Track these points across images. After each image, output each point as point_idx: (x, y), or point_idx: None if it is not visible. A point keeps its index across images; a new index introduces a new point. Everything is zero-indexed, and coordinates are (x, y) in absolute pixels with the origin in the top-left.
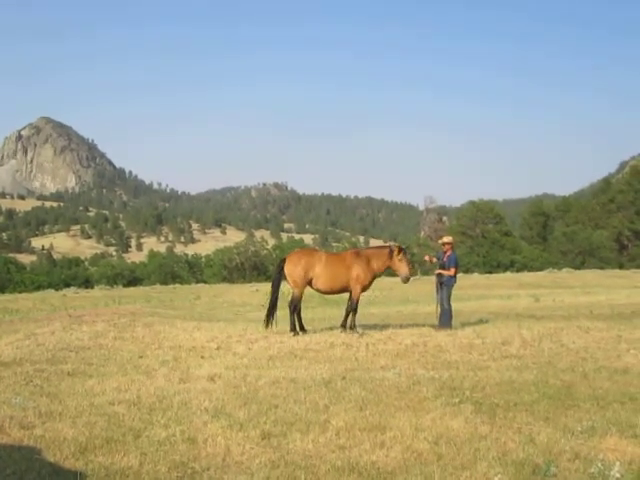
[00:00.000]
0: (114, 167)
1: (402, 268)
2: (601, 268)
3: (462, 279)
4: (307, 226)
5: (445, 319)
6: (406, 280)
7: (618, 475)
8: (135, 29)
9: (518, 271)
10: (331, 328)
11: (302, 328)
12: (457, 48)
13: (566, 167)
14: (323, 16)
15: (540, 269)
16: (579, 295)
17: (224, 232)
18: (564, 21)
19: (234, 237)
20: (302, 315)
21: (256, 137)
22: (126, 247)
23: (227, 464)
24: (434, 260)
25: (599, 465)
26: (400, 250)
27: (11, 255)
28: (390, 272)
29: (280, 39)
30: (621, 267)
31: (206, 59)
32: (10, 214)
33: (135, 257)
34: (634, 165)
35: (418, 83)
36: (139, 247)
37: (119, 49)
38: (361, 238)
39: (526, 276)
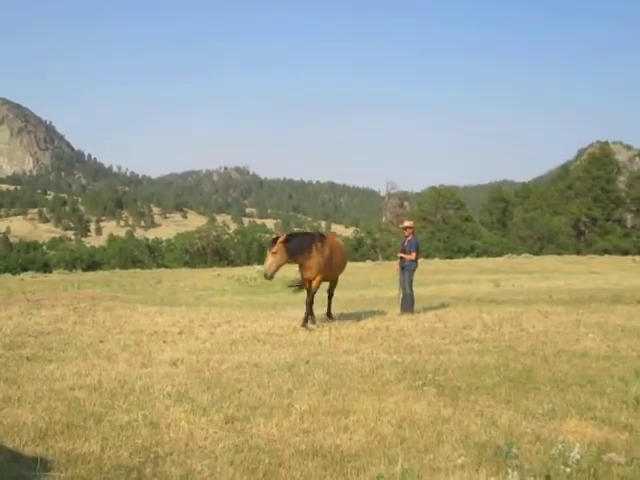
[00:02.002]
0: (73, 149)
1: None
2: (559, 254)
3: (423, 264)
4: (269, 211)
5: (407, 303)
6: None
7: (578, 456)
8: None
9: (478, 256)
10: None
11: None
12: (423, 32)
13: (525, 154)
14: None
15: (500, 254)
16: (538, 280)
17: (185, 216)
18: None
19: (195, 222)
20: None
21: (217, 121)
22: (85, 231)
23: (190, 449)
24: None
25: (560, 447)
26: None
27: None
28: (355, 258)
29: (244, 26)
30: (578, 253)
31: (171, 43)
32: None
33: (94, 241)
34: (592, 152)
35: (381, 68)
36: (98, 231)
37: (75, 24)
38: (323, 223)
39: (486, 261)
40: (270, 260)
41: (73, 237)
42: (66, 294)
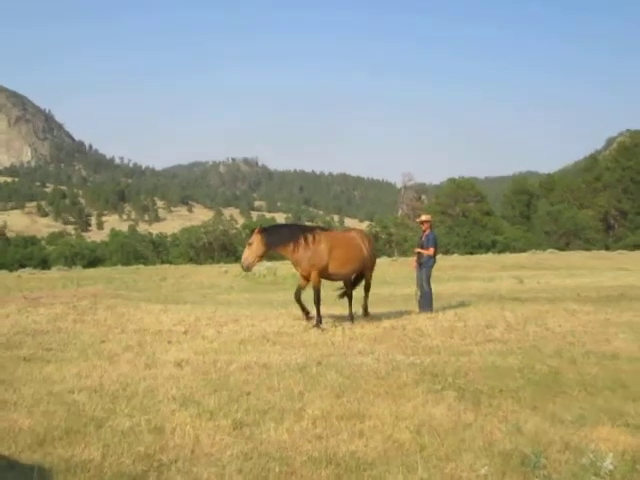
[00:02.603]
0: (73, 140)
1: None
2: (586, 249)
3: (442, 260)
4: (279, 204)
5: (425, 302)
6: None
7: (611, 467)
8: None
9: (500, 252)
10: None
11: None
12: (435, 29)
13: (551, 143)
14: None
15: (523, 250)
16: (564, 277)
17: (191, 210)
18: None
19: (201, 215)
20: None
21: (225, 109)
22: (86, 225)
23: (196, 455)
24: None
25: (591, 456)
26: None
27: None
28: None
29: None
30: (607, 248)
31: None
32: None
33: (95, 236)
34: (621, 141)
35: (398, 63)
36: (100, 225)
37: (77, 14)
38: (335, 217)
39: (508, 257)
40: (246, 252)
41: (73, 232)
42: (66, 291)
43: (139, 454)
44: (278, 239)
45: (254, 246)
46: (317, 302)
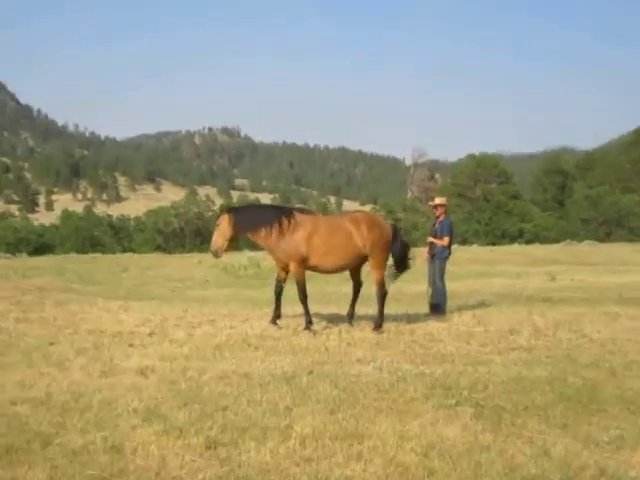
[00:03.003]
0: (18, 103)
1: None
2: (631, 241)
3: (459, 252)
4: (264, 183)
5: (438, 301)
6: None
7: None
8: None
9: (528, 243)
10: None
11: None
12: None
13: (590, 115)
14: None
15: (556, 241)
16: (604, 274)
17: (158, 189)
18: None
19: (171, 195)
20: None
21: (202, 70)
22: (32, 205)
23: (162, 479)
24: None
25: None
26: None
27: None
28: None
29: None
30: None
31: None
32: None
33: (44, 218)
34: None
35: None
36: (49, 206)
37: None
38: (332, 199)
39: (539, 249)
40: (215, 235)
41: (17, 213)
42: (7, 284)
43: (93, 477)
44: (248, 221)
45: (221, 227)
46: (303, 300)
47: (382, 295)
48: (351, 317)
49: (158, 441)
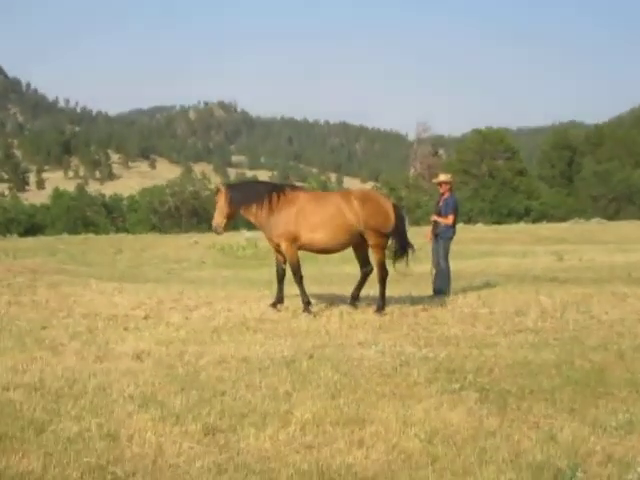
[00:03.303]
0: (5, 76)
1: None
2: None
3: (463, 230)
4: (262, 159)
5: (441, 282)
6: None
7: None
8: None
9: (535, 221)
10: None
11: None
12: None
13: (599, 87)
14: None
15: (564, 219)
16: (614, 253)
17: (153, 166)
18: None
19: (166, 172)
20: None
21: (195, 40)
22: (22, 184)
23: (159, 467)
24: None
25: (639, 470)
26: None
27: None
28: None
29: None
30: None
31: None
32: None
33: (35, 197)
34: None
35: None
36: (40, 184)
37: None
38: (333, 176)
39: (546, 228)
40: (215, 213)
41: (7, 192)
42: None
43: (88, 465)
44: (242, 198)
45: (219, 204)
46: (297, 281)
47: (383, 277)
48: (355, 299)
49: (155, 428)
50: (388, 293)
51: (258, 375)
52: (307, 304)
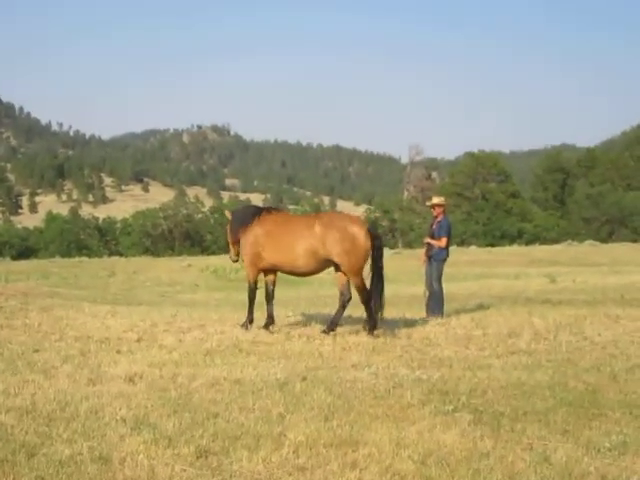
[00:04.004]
0: (0, 101)
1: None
2: (634, 241)
3: (457, 253)
4: (256, 183)
5: (435, 304)
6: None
7: None
8: None
9: (528, 244)
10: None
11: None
12: None
13: (592, 110)
14: None
15: (557, 241)
16: (607, 275)
17: (146, 189)
18: None
19: (159, 196)
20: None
21: (188, 64)
22: (16, 207)
23: None
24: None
25: None
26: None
27: None
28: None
29: None
30: None
31: None
32: None
33: (28, 221)
34: None
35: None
36: (33, 208)
37: None
38: (326, 199)
39: (539, 250)
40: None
41: (0, 216)
42: None
43: None
44: (237, 222)
45: (227, 232)
46: (250, 298)
47: (366, 300)
48: (331, 327)
49: (147, 451)
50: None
51: (251, 397)
52: (249, 322)
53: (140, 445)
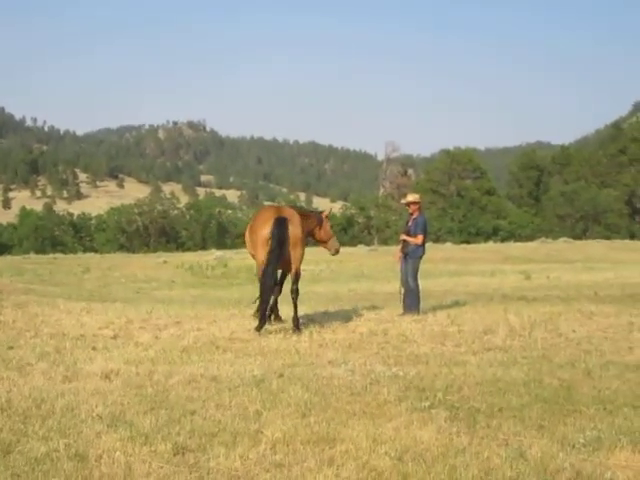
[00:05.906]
0: None
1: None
2: (608, 238)
3: (433, 250)
4: (232, 179)
5: (411, 301)
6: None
7: None
8: None
9: (503, 241)
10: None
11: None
12: None
13: (566, 109)
14: None
15: (531, 238)
16: (580, 272)
17: (121, 185)
18: None
19: (135, 192)
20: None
21: (164, 60)
22: None
23: None
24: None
25: None
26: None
27: None
28: (344, 241)
29: None
30: (632, 237)
31: None
32: None
33: (1, 217)
34: None
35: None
36: (6, 204)
37: None
38: (302, 195)
39: (514, 247)
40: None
41: None
42: None
43: None
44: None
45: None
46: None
47: (293, 294)
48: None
49: (124, 448)
50: (359, 312)
51: (228, 394)
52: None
53: (117, 442)
